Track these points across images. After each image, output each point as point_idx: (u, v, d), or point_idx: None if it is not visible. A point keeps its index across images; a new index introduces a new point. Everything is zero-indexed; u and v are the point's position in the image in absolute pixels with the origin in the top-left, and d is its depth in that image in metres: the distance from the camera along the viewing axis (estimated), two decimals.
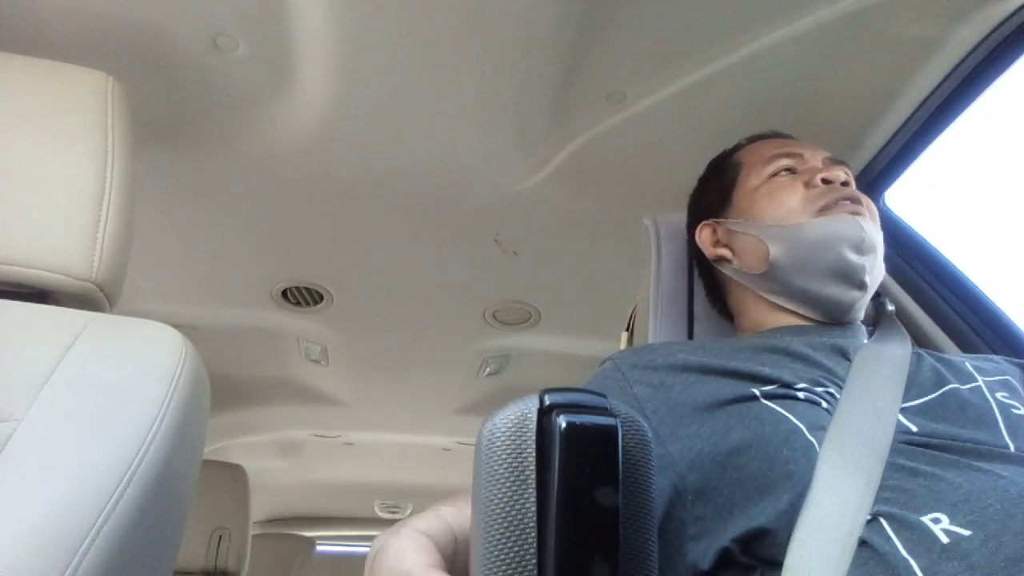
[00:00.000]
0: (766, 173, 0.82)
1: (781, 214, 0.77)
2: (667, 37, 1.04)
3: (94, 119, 0.78)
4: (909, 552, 0.46)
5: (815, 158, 0.82)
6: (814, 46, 1.03)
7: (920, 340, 1.03)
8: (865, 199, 0.77)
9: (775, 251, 0.76)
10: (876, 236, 0.74)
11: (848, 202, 0.75)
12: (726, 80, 1.09)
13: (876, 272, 0.75)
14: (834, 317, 0.75)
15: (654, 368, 0.67)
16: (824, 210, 0.75)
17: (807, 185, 0.77)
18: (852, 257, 0.72)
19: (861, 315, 0.77)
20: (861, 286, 0.73)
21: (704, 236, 0.87)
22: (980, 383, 0.64)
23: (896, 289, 1.09)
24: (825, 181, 0.77)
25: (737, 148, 0.91)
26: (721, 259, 0.84)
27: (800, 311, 0.77)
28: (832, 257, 0.72)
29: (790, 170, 0.81)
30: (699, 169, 0.94)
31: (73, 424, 0.60)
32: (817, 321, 0.76)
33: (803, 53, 1.05)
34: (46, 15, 1.00)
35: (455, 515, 0.32)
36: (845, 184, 0.77)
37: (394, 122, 1.20)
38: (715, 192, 0.88)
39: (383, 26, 1.01)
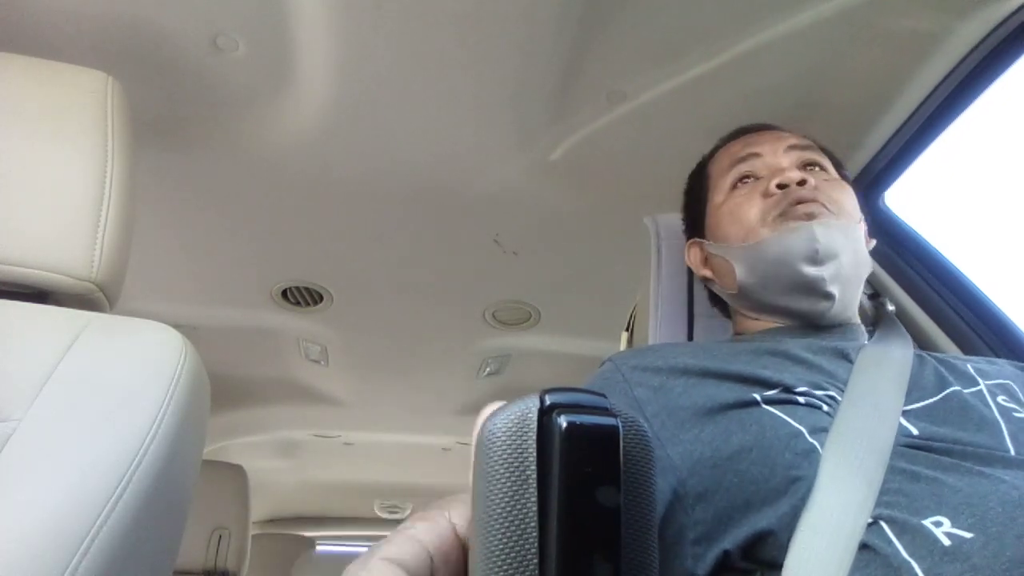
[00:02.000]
0: (727, 186, 0.81)
1: (743, 233, 0.76)
2: (666, 35, 1.04)
3: (94, 119, 0.78)
4: (911, 554, 0.45)
5: (776, 152, 0.80)
6: (813, 43, 1.03)
7: (921, 341, 1.03)
8: (829, 188, 0.75)
9: (740, 272, 0.76)
10: (837, 238, 0.71)
11: (801, 205, 0.72)
12: (726, 77, 1.09)
13: (846, 273, 0.72)
14: (813, 325, 0.74)
15: (655, 370, 0.67)
16: (781, 218, 0.73)
17: (764, 195, 0.76)
18: (808, 270, 0.70)
19: (849, 315, 0.76)
20: (826, 296, 0.71)
21: (693, 256, 0.87)
22: (982, 387, 0.64)
23: (896, 290, 1.09)
24: (780, 186, 0.75)
25: (712, 154, 0.90)
26: (706, 279, 0.86)
27: (775, 323, 0.77)
28: (789, 273, 0.72)
29: (749, 176, 0.80)
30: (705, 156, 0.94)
31: (73, 424, 0.60)
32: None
33: (802, 50, 1.05)
34: (46, 15, 1.00)
35: (430, 531, 0.30)
36: (802, 183, 0.74)
37: (394, 122, 1.20)
38: (693, 210, 0.88)
39: (382, 26, 1.01)
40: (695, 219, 0.88)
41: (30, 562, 0.52)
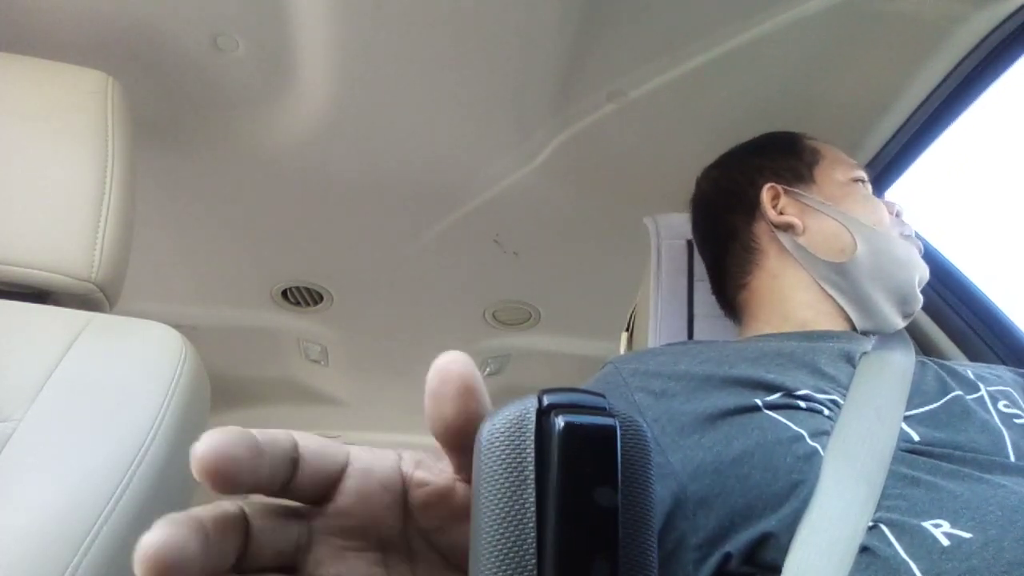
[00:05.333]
0: (852, 176, 0.83)
1: (875, 220, 0.78)
2: (666, 32, 1.04)
3: (94, 119, 0.78)
4: (910, 555, 0.45)
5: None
6: (813, 38, 1.03)
7: (922, 343, 1.03)
8: None
9: (863, 248, 0.76)
10: None
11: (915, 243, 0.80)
12: (726, 74, 1.09)
13: None
14: (867, 330, 0.77)
15: (656, 375, 0.66)
16: (907, 239, 0.79)
17: (889, 212, 0.81)
18: (916, 289, 0.77)
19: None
20: (907, 316, 0.78)
21: (769, 195, 0.82)
22: (983, 392, 0.64)
23: None
24: (898, 215, 0.81)
25: (806, 136, 0.89)
26: (787, 227, 0.80)
27: (846, 309, 0.77)
28: (905, 280, 0.77)
29: (864, 184, 0.83)
30: (699, 168, 0.94)
31: (73, 424, 0.60)
32: (849, 323, 0.77)
33: (802, 46, 1.05)
34: (46, 15, 1.00)
35: (365, 449, 0.28)
36: None
37: (394, 122, 1.20)
38: (787, 163, 0.84)
39: (382, 26, 1.01)
40: (784, 171, 0.84)
41: (30, 562, 0.52)
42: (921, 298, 0.78)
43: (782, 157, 0.86)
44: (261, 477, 0.23)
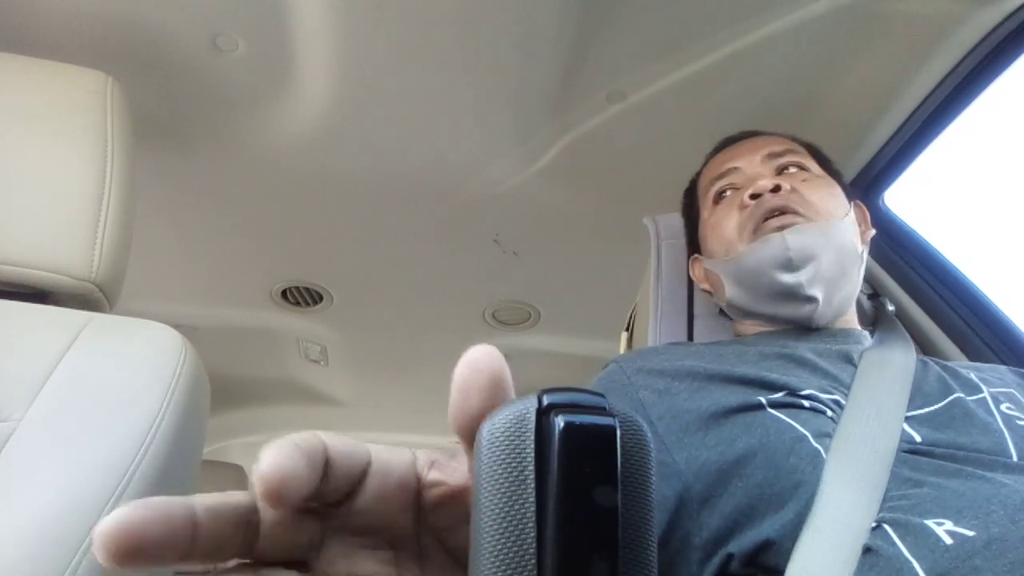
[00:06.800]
0: (710, 201, 0.83)
1: (724, 248, 0.78)
2: (666, 34, 1.05)
3: (94, 119, 0.78)
4: (913, 554, 0.45)
5: (753, 163, 0.81)
6: (812, 39, 1.03)
7: (920, 341, 1.03)
8: (806, 189, 0.75)
9: (727, 282, 0.78)
10: (811, 241, 0.71)
11: (772, 219, 0.73)
12: (726, 75, 1.09)
13: (827, 274, 0.72)
14: (805, 327, 0.74)
15: (659, 373, 0.67)
16: (754, 232, 0.74)
17: (740, 207, 0.77)
18: (784, 277, 0.71)
19: (844, 314, 0.76)
20: (808, 300, 0.71)
21: (696, 271, 0.88)
22: (986, 394, 0.64)
23: (896, 290, 1.09)
24: (753, 196, 0.75)
25: (701, 169, 0.91)
26: (708, 292, 0.87)
27: (779, 329, 0.77)
28: (767, 282, 0.73)
29: (727, 189, 0.81)
30: (698, 168, 0.94)
31: (73, 424, 0.60)
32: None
33: (802, 46, 1.05)
34: (46, 15, 1.00)
35: (384, 449, 0.27)
36: (776, 189, 0.75)
37: (394, 122, 1.20)
38: (690, 227, 0.91)
39: (382, 26, 1.01)
40: (692, 236, 0.90)
41: (30, 562, 0.52)
42: (794, 279, 0.70)
43: (688, 220, 0.91)
44: (312, 489, 0.23)
